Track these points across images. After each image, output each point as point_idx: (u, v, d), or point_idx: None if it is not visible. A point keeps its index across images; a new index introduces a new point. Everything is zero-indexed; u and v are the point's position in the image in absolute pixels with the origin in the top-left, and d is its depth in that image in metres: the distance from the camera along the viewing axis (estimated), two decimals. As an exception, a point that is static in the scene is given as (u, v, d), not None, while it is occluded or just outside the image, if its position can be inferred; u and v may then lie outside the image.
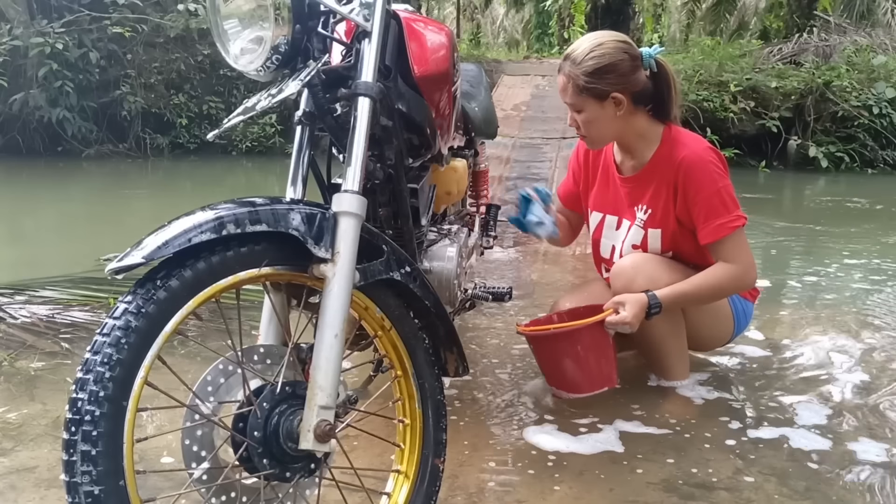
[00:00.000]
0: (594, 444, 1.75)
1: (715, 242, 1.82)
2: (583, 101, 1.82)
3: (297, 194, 1.26)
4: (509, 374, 2.17)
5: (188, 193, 6.82)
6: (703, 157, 1.83)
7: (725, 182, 1.83)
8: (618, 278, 1.89)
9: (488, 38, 22.24)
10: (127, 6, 8.51)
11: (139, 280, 0.99)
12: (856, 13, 13.16)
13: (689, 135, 1.92)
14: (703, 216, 1.82)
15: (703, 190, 1.82)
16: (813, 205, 6.49)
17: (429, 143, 1.60)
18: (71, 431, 0.91)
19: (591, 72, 1.77)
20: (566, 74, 1.82)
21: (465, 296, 2.03)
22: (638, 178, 1.94)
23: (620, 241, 2.00)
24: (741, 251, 1.83)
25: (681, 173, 1.83)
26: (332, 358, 1.08)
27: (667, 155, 1.87)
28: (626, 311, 1.76)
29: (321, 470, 1.16)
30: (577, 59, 1.79)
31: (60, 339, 2.41)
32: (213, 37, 1.26)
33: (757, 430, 1.84)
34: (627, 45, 1.82)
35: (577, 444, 1.75)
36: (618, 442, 1.76)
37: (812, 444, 1.77)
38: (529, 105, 7.60)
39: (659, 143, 1.89)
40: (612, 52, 1.78)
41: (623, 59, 1.78)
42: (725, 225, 1.81)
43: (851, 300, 3.05)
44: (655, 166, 1.89)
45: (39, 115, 8.22)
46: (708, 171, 1.82)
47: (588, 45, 1.80)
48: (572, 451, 1.72)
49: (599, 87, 1.79)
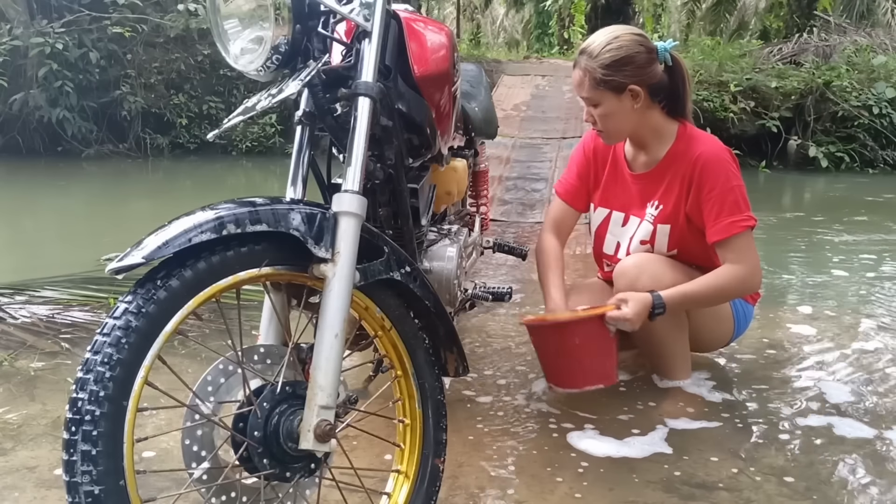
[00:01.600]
0: (594, 443, 1.75)
1: (723, 241, 1.81)
2: (600, 95, 1.82)
3: (297, 194, 1.26)
4: (510, 374, 2.17)
5: (188, 193, 6.82)
6: (720, 156, 1.84)
7: (739, 182, 1.84)
8: (621, 278, 1.88)
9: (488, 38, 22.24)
10: (127, 6, 8.51)
11: (139, 280, 1.00)
12: (856, 13, 13.17)
13: (705, 134, 1.93)
14: (715, 213, 1.82)
15: (717, 187, 1.81)
16: (813, 205, 6.49)
17: (429, 143, 1.60)
18: (71, 431, 0.91)
19: (608, 64, 1.77)
20: (583, 68, 1.82)
21: (465, 296, 2.03)
22: (651, 175, 1.93)
23: (628, 238, 1.99)
24: (748, 253, 1.82)
25: (697, 168, 1.83)
26: (333, 358, 1.08)
27: (683, 151, 1.87)
28: (628, 308, 1.75)
29: (321, 470, 1.16)
30: (593, 53, 1.79)
31: (60, 339, 2.41)
32: (213, 37, 1.26)
33: (757, 430, 1.84)
34: (643, 37, 1.83)
35: (578, 444, 1.75)
36: (618, 442, 1.76)
37: (812, 443, 1.77)
38: (529, 105, 7.61)
39: (674, 139, 1.89)
40: (629, 45, 1.79)
41: (640, 51, 1.79)
42: (736, 223, 1.80)
43: (852, 300, 3.05)
44: (670, 162, 1.89)
45: (39, 115, 8.22)
46: (724, 169, 1.83)
47: (604, 38, 1.80)
48: (572, 451, 1.72)
49: (617, 80, 1.78)
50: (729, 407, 1.96)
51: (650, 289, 1.80)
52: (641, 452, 1.71)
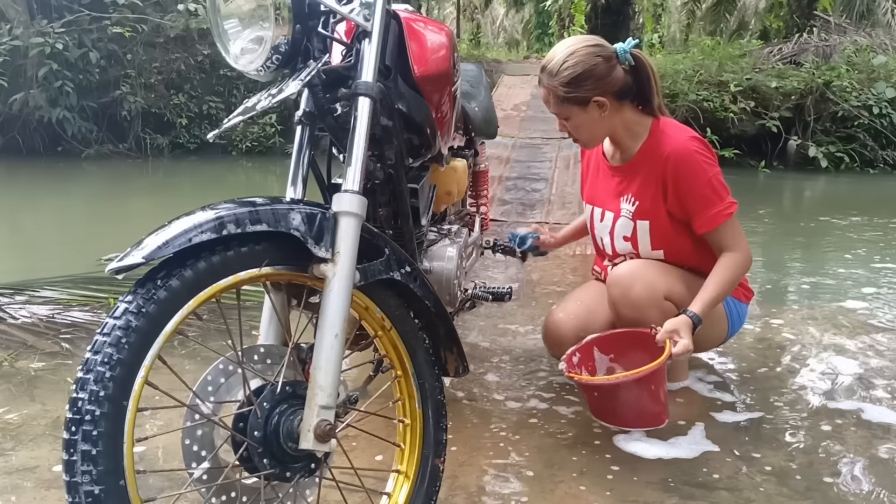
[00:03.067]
0: (594, 444, 1.75)
1: (712, 232, 1.85)
2: (567, 110, 1.85)
3: (297, 194, 1.25)
4: (510, 374, 2.17)
5: (188, 193, 6.82)
6: (689, 149, 1.84)
7: (715, 170, 1.85)
8: (615, 286, 1.88)
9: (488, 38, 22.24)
10: (127, 6, 8.51)
11: (139, 280, 0.99)
12: (856, 13, 13.17)
13: (673, 126, 1.92)
14: (699, 207, 1.84)
15: (694, 182, 1.83)
16: (813, 205, 6.49)
17: (429, 143, 1.60)
18: (71, 431, 0.91)
19: (567, 81, 1.79)
20: (545, 87, 1.84)
21: (465, 296, 2.03)
22: (626, 169, 1.95)
23: (608, 233, 2.01)
24: (738, 236, 1.87)
25: (669, 168, 1.84)
26: (333, 358, 1.08)
27: (654, 147, 1.88)
28: (685, 339, 1.73)
29: (321, 470, 1.16)
30: (553, 71, 1.81)
31: (60, 339, 2.41)
32: (214, 37, 1.26)
33: (757, 430, 1.84)
34: (599, 47, 1.82)
35: (579, 444, 1.75)
36: (618, 441, 1.76)
37: (812, 443, 1.77)
38: (529, 105, 7.61)
39: (647, 135, 1.90)
40: (586, 59, 1.79)
41: (597, 62, 1.79)
42: (721, 213, 1.83)
43: (851, 300, 3.04)
44: (643, 158, 1.91)
45: (39, 115, 8.22)
46: (696, 163, 1.83)
47: (561, 55, 1.81)
48: (571, 451, 1.72)
49: (580, 95, 1.80)
50: (728, 407, 1.97)
51: (645, 297, 1.82)
52: (641, 452, 1.71)
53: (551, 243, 2.31)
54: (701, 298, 1.81)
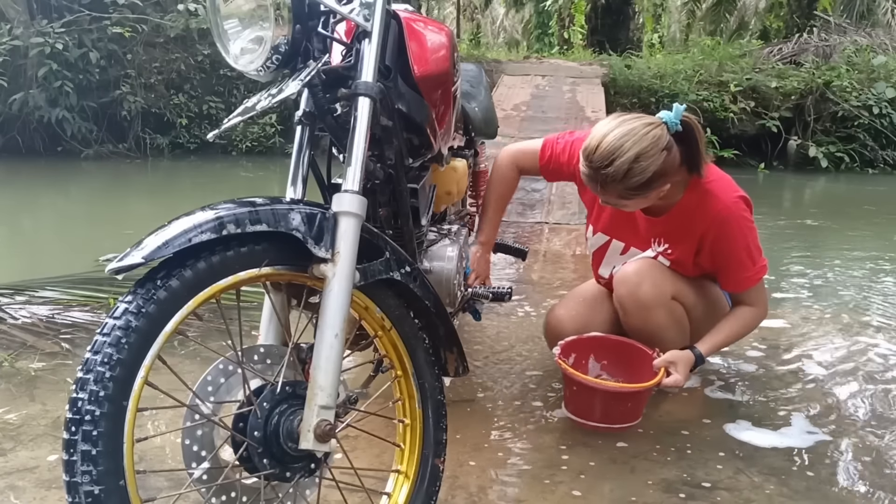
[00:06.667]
0: (594, 444, 1.75)
1: (740, 293, 1.89)
2: (625, 203, 1.75)
3: (297, 194, 1.25)
4: (510, 373, 2.17)
5: (188, 193, 6.82)
6: (735, 213, 1.80)
7: (754, 234, 1.84)
8: (622, 284, 1.88)
9: (488, 38, 22.22)
10: (127, 6, 8.50)
11: (139, 280, 0.99)
12: (856, 13, 13.15)
13: (718, 181, 1.83)
14: (731, 269, 1.85)
15: (733, 245, 1.82)
16: (813, 205, 6.49)
17: (429, 143, 1.60)
18: (71, 431, 0.91)
19: (637, 186, 1.67)
20: (604, 184, 1.68)
21: (465, 295, 2.03)
22: (661, 220, 1.89)
23: (622, 264, 1.97)
24: (761, 295, 1.90)
25: (713, 228, 1.80)
26: (332, 358, 1.08)
27: (696, 204, 1.81)
28: (679, 373, 1.77)
29: (321, 470, 1.16)
30: (618, 176, 1.64)
31: (60, 339, 2.41)
32: (213, 37, 1.26)
33: (757, 430, 1.84)
34: (657, 137, 1.65)
35: (579, 444, 1.75)
36: (619, 442, 1.76)
37: (812, 443, 1.77)
38: (529, 105, 7.60)
39: (686, 187, 1.82)
40: (653, 159, 1.64)
41: (662, 157, 1.66)
42: (751, 277, 1.85)
43: (852, 300, 3.05)
44: (682, 211, 1.84)
45: (39, 115, 8.20)
46: (740, 227, 1.81)
47: (626, 159, 1.63)
48: (572, 451, 1.72)
49: (647, 192, 1.70)
50: (729, 407, 1.97)
51: (653, 295, 1.83)
52: (641, 452, 1.71)
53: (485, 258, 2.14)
54: (710, 340, 1.85)
